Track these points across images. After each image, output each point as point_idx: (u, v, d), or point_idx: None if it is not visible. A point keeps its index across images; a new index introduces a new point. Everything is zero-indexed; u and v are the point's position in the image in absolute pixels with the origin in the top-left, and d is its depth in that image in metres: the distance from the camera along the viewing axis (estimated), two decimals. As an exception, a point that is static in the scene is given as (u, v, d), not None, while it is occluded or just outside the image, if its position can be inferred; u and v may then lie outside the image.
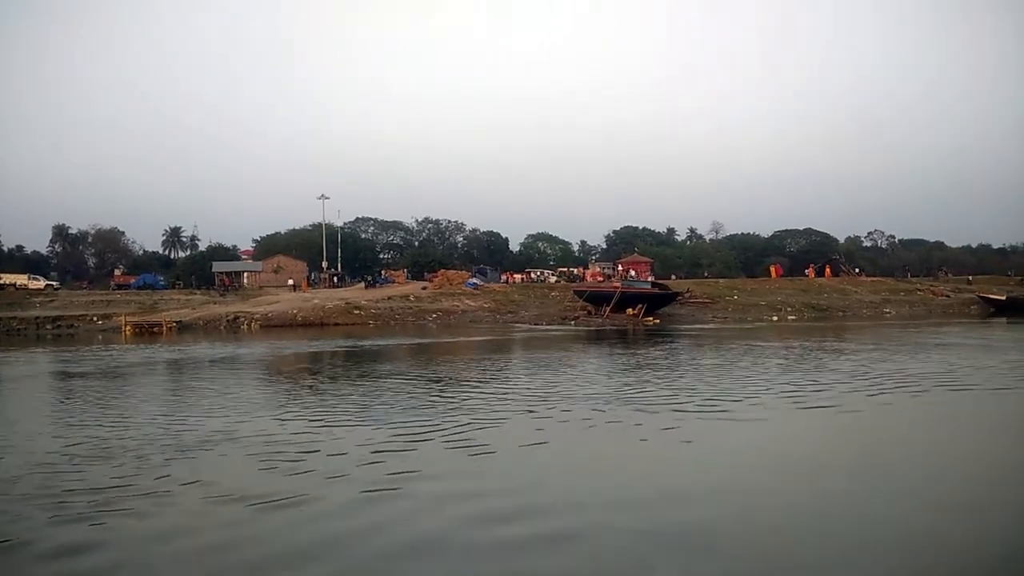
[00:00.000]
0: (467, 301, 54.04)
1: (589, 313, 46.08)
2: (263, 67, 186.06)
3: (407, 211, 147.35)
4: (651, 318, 44.11)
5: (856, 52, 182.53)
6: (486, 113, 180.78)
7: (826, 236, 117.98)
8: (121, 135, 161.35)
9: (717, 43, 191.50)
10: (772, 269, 65.84)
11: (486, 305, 53.06)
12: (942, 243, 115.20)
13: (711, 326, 41.29)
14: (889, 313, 51.00)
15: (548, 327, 41.81)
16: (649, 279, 55.57)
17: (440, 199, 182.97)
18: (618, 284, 50.01)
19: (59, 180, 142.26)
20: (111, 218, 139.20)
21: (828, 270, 65.69)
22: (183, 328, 42.72)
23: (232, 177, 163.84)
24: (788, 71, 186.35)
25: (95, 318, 46.27)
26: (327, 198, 76.34)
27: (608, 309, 45.33)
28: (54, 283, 65.78)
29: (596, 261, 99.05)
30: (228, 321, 45.13)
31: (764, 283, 60.51)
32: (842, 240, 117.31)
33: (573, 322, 43.50)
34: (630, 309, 45.11)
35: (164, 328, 41.78)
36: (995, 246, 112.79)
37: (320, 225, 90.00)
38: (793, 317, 46.59)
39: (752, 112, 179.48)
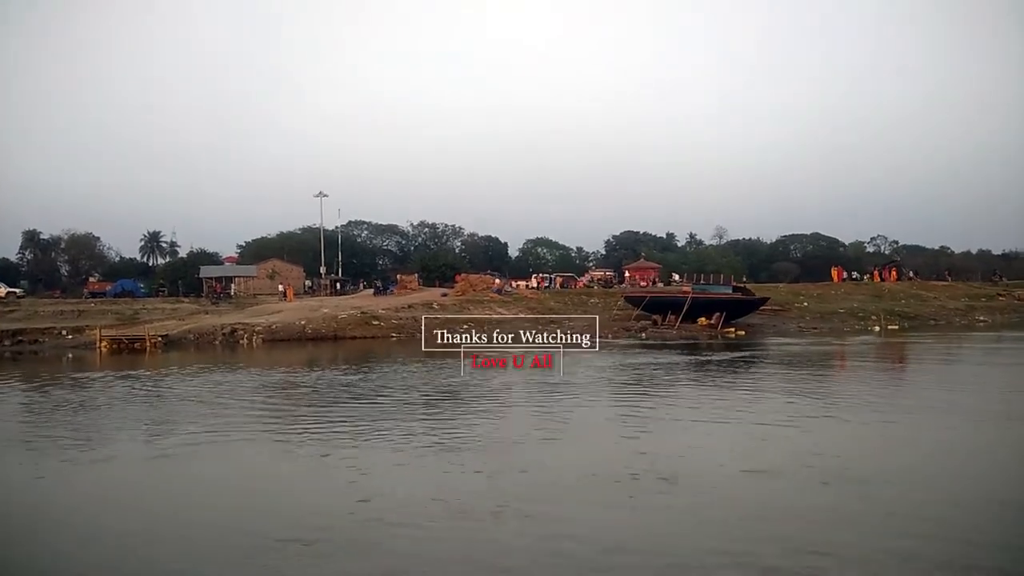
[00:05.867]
0: (499, 309, 46.99)
1: (655, 323, 39.14)
2: (248, 68, 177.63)
3: (400, 215, 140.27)
4: (732, 329, 37.36)
5: (855, 57, 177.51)
6: (481, 119, 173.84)
7: (834, 241, 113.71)
8: (95, 137, 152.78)
9: (716, 48, 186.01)
10: (833, 272, 59.46)
11: (521, 314, 46.11)
12: (948, 248, 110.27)
13: (808, 339, 34.47)
14: (983, 321, 44.63)
15: (615, 340, 34.78)
16: (732, 283, 47.12)
17: (435, 203, 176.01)
18: (688, 288, 43.12)
19: (30, 184, 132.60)
20: (85, 223, 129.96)
21: (895, 274, 59.31)
22: (170, 344, 35.33)
23: (213, 180, 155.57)
24: (788, 75, 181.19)
25: (64, 331, 38.71)
26: (326, 196, 68.70)
27: (678, 319, 38.53)
28: (17, 290, 57.73)
29: (596, 267, 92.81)
30: (224, 335, 37.78)
31: (829, 288, 54.07)
32: (847, 244, 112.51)
33: (643, 334, 36.49)
34: (703, 318, 38.42)
35: (148, 344, 34.37)
36: (995, 252, 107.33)
37: (312, 228, 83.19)
38: (895, 327, 39.92)
39: (752, 116, 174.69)
